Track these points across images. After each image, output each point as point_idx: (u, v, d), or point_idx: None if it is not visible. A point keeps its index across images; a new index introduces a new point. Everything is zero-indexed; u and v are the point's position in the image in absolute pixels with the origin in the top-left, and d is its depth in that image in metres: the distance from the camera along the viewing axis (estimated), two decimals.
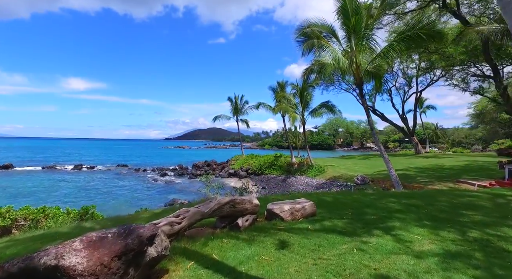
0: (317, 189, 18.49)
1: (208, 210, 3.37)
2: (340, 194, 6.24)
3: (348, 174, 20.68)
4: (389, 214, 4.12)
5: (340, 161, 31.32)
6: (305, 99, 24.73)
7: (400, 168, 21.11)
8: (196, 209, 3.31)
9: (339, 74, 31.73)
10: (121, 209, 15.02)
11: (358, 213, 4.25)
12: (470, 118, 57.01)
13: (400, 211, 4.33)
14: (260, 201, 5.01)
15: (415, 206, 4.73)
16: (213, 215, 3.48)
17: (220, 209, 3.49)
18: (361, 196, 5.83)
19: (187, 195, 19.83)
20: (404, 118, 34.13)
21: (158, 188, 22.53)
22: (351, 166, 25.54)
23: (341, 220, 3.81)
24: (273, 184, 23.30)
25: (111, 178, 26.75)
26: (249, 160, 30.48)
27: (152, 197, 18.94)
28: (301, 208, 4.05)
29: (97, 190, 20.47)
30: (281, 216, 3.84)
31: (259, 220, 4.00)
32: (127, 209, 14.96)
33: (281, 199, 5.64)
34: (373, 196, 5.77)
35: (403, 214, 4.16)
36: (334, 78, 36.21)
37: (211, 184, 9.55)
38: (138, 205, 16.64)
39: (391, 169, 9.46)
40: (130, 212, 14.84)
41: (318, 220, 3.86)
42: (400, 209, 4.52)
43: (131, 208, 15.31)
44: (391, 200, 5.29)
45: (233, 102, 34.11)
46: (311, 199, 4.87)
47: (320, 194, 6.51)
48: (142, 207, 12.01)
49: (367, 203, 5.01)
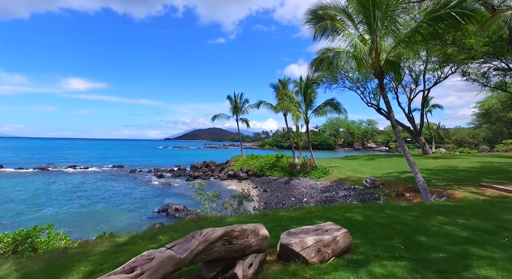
0: (322, 193, 17.15)
1: (187, 253, 2.03)
2: (368, 208, 4.88)
3: (355, 176, 19.34)
4: (461, 249, 2.78)
5: (344, 161, 29.97)
6: (308, 97, 23.36)
7: (410, 170, 19.78)
8: (166, 255, 1.96)
9: (353, 65, 30.49)
10: (108, 216, 13.65)
11: (412, 246, 2.91)
12: (475, 118, 55.81)
13: (472, 241, 3.00)
14: (266, 220, 3.65)
15: (485, 230, 3.40)
16: (196, 260, 2.14)
17: (207, 249, 2.15)
18: (397, 211, 4.48)
19: (183, 199, 18.49)
20: (410, 118, 32.77)
21: (153, 191, 21.18)
22: (357, 167, 24.19)
23: (395, 262, 2.47)
24: (275, 187, 21.96)
25: (104, 179, 25.39)
26: (249, 160, 29.12)
27: (146, 201, 17.59)
28: (331, 241, 2.69)
29: (88, 193, 19.12)
30: (303, 255, 2.49)
31: (268, 260, 2.65)
32: (114, 217, 13.60)
33: (294, 216, 4.28)
34: (412, 212, 4.41)
35: (480, 247, 2.83)
36: (338, 76, 34.98)
37: (205, 192, 8.15)
38: (129, 210, 15.32)
39: (417, 174, 8.14)
40: (117, 220, 13.50)
41: (360, 261, 2.50)
42: (467, 236, 3.19)
43: (118, 216, 13.95)
44: (443, 220, 3.94)
45: (232, 100, 32.72)
46: (336, 217, 3.53)
47: (341, 207, 5.14)
48: (123, 217, 10.71)
49: (413, 225, 3.67)
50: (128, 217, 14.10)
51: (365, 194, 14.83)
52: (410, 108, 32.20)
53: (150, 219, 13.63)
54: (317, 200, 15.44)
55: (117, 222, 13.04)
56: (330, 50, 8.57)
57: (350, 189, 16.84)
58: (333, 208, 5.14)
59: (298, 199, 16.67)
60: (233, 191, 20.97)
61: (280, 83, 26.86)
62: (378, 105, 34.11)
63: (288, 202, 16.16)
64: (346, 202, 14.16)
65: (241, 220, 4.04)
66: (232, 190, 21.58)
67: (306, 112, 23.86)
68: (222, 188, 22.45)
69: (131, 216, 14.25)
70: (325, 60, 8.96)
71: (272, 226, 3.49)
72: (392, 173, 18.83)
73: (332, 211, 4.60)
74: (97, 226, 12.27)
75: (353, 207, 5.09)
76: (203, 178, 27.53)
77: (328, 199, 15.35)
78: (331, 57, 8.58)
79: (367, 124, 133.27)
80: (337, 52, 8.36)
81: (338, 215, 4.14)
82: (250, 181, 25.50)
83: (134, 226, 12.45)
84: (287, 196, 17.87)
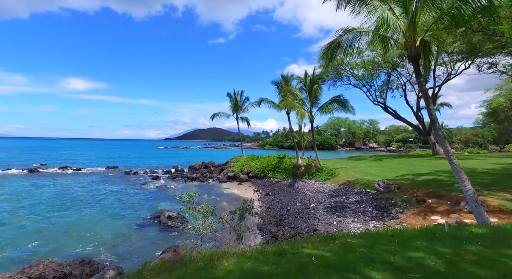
0: (331, 197, 15.64)
1: None
2: (434, 240, 3.31)
3: (365, 179, 17.84)
4: None
5: (350, 162, 28.46)
6: (314, 93, 21.85)
7: (425, 172, 18.30)
8: None
9: (378, 49, 28.76)
10: (94, 226, 12.09)
11: None
12: (482, 117, 54.37)
13: None
14: (285, 267, 2.15)
15: None
16: None
17: None
18: (486, 248, 2.91)
19: (179, 203, 16.99)
20: (418, 116, 31.25)
21: (147, 194, 19.71)
22: (365, 168, 22.67)
23: None
24: (277, 190, 20.47)
25: (96, 182, 23.90)
26: (250, 161, 27.63)
27: (138, 206, 16.11)
28: None
29: (75, 198, 17.63)
30: None
31: None
32: (100, 226, 11.99)
33: (328, 258, 2.76)
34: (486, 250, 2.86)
35: None
36: (342, 73, 33.49)
37: (195, 206, 6.62)
38: (118, 217, 13.82)
39: (464, 181, 6.63)
40: (103, 230, 11.98)
41: None
42: None
43: (105, 224, 12.39)
44: None
45: (232, 98, 31.18)
46: (396, 260, 2.04)
47: (390, 234, 3.61)
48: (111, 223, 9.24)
49: None
50: (117, 225, 12.61)
51: (380, 200, 13.32)
52: (418, 106, 30.69)
53: (139, 228, 12.15)
54: (326, 206, 13.94)
55: (103, 232, 11.57)
56: (349, 31, 7.06)
57: (361, 193, 15.34)
58: (380, 236, 3.62)
59: (304, 204, 15.18)
60: (233, 196, 19.50)
61: (283, 80, 25.37)
62: (385, 103, 32.63)
63: (294, 208, 14.66)
64: (359, 208, 12.67)
65: (244, 266, 2.55)
66: (231, 194, 20.10)
67: (311, 110, 22.35)
68: (221, 192, 20.97)
69: (119, 224, 12.77)
70: (343, 45, 7.44)
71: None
72: (406, 175, 17.33)
73: (382, 243, 3.10)
74: (80, 239, 10.81)
75: (408, 235, 3.57)
76: (201, 180, 26.07)
77: (338, 204, 13.85)
78: (351, 39, 7.07)
79: (368, 124, 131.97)
80: (358, 33, 6.85)
81: (397, 255, 2.64)
82: (251, 183, 24.04)
83: (120, 238, 11.00)
84: (292, 201, 16.38)
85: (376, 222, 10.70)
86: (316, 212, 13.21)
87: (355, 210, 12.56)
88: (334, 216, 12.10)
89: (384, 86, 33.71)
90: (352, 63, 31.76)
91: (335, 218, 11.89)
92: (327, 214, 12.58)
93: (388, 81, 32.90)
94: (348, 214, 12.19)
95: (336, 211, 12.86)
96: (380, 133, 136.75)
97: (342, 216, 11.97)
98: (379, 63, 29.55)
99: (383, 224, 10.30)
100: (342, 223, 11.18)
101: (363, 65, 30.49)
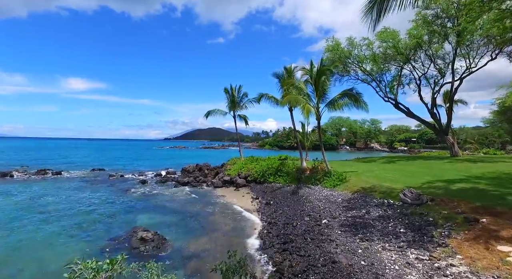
0: (347, 210, 12.78)
1: None
2: None
3: (384, 186, 15.01)
4: None
5: (360, 165, 25.64)
6: (321, 86, 19.02)
7: (456, 178, 15.44)
8: None
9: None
10: (45, 250, 9.13)
11: None
12: (492, 116, 51.97)
13: None
14: None
15: None
16: None
17: None
18: None
19: (161, 216, 14.22)
20: (433, 114, 28.44)
21: (127, 203, 16.87)
22: (379, 172, 19.84)
23: None
24: (280, 197, 17.66)
25: (73, 187, 21.05)
26: (248, 164, 24.81)
27: (110, 220, 13.28)
28: None
29: (38, 209, 14.77)
30: None
31: None
32: (53, 251, 8.95)
33: None
34: None
35: None
36: (349, 67, 30.74)
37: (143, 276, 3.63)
38: (80, 238, 10.95)
39: None
40: (54, 257, 9.10)
41: None
42: None
43: (61, 248, 9.46)
44: None
45: (229, 94, 28.30)
46: None
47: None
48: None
49: None
50: (75, 249, 9.75)
51: (411, 216, 10.48)
52: (434, 103, 27.85)
53: (100, 255, 9.28)
54: (343, 223, 11.09)
55: (49, 260, 8.72)
56: None
57: (383, 204, 12.49)
58: None
59: (313, 218, 12.34)
60: (228, 206, 16.65)
61: (286, 72, 22.52)
62: (396, 100, 29.82)
63: (301, 223, 11.85)
64: (387, 228, 9.84)
65: None
66: (226, 204, 17.25)
67: (317, 106, 19.52)
68: (214, 200, 18.11)
69: (79, 247, 9.92)
70: None
71: None
72: (434, 182, 14.49)
73: None
74: (13, 269, 7.98)
75: None
76: (194, 184, 23.23)
77: (358, 220, 11.01)
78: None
79: (370, 124, 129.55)
80: None
81: None
82: (249, 189, 21.23)
83: None
84: (298, 213, 13.56)
85: (417, 251, 7.87)
86: (331, 232, 10.38)
87: (382, 230, 9.72)
88: (356, 239, 9.26)
89: (395, 82, 30.93)
90: (360, 56, 29.00)
91: (358, 242, 9.06)
92: (347, 235, 9.75)
93: (399, 76, 30.13)
94: (374, 235, 9.35)
95: (357, 230, 10.02)
96: (382, 133, 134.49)
97: (367, 239, 9.13)
98: (392, 55, 26.75)
99: (429, 256, 7.48)
100: (370, 250, 8.35)
101: (373, 57, 27.69)
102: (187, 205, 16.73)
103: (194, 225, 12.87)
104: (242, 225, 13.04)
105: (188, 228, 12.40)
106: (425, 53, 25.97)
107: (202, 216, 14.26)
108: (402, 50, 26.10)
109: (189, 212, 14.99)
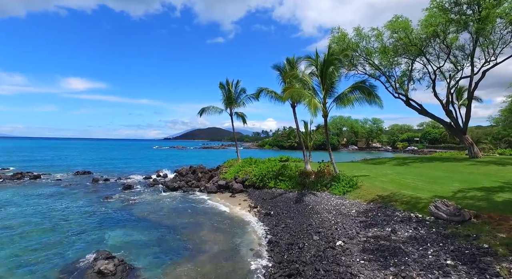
0: (365, 227, 10.32)
1: None
2: None
3: (405, 194, 12.58)
4: None
5: (370, 167, 23.22)
6: (329, 78, 16.58)
7: (494, 186, 12.88)
8: None
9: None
10: None
11: None
12: (502, 115, 49.85)
13: None
14: None
15: None
16: None
17: None
18: None
19: (139, 231, 11.79)
20: (449, 111, 25.98)
21: (103, 214, 14.44)
22: (394, 176, 17.43)
23: None
24: (281, 206, 15.24)
25: (48, 194, 18.62)
26: (246, 166, 22.39)
27: (75, 238, 10.85)
28: None
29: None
30: None
31: None
32: None
33: None
34: None
35: None
36: (357, 61, 28.32)
37: None
38: (25, 265, 8.45)
39: None
40: None
41: None
42: None
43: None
44: None
45: (225, 89, 25.83)
46: None
47: None
48: None
49: None
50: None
51: (454, 238, 8.03)
52: (450, 99, 25.38)
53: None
54: (364, 247, 8.60)
55: None
56: None
57: (410, 220, 10.05)
58: None
59: (325, 237, 9.89)
60: (222, 216, 14.15)
61: (288, 64, 20.08)
62: (407, 96, 27.34)
63: (309, 244, 9.41)
64: (425, 256, 7.37)
65: None
66: (220, 214, 14.77)
67: (324, 101, 17.08)
68: (206, 209, 15.66)
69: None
70: None
71: None
72: (468, 191, 12.03)
73: None
74: None
75: None
76: (185, 189, 20.79)
77: (384, 245, 8.52)
78: None
79: (372, 123, 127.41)
80: None
81: None
82: (247, 195, 18.78)
83: None
84: (305, 229, 11.11)
85: None
86: (350, 260, 7.92)
87: (420, 260, 7.25)
88: (389, 276, 6.81)
89: (405, 77, 28.49)
90: (369, 48, 26.56)
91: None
92: (373, 268, 7.29)
93: (410, 71, 27.68)
94: (412, 269, 6.90)
95: (386, 260, 7.56)
96: (384, 133, 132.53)
97: (403, 276, 6.67)
98: (404, 46, 24.28)
99: None
100: None
101: (383, 49, 25.24)
102: (173, 216, 14.29)
103: (177, 244, 10.44)
104: (236, 244, 10.63)
105: (168, 248, 9.97)
106: (441, 44, 23.50)
107: (189, 232, 11.84)
108: (416, 40, 23.63)
109: (174, 226, 12.57)
